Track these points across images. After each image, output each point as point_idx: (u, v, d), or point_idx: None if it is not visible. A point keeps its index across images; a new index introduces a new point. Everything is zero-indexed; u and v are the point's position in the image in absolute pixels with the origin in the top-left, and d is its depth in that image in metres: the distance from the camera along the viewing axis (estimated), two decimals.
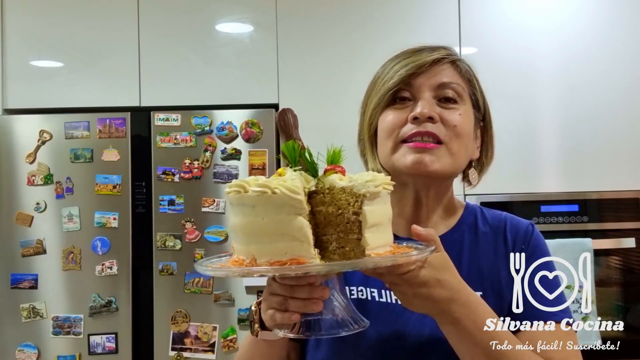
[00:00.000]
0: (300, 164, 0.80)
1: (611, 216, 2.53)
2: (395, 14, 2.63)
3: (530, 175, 2.57)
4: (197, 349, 2.46)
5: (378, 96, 1.00)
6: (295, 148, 0.81)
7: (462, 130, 0.97)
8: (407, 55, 1.02)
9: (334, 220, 0.77)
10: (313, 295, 0.79)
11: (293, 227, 0.75)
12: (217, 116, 2.52)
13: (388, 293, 0.98)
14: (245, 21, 2.68)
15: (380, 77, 1.02)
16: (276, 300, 0.81)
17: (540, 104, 2.60)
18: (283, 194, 0.74)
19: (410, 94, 0.98)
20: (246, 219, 0.77)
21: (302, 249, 0.75)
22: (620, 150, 2.56)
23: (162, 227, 2.49)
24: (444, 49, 1.02)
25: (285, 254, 0.75)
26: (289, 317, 0.79)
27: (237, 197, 0.77)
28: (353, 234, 0.77)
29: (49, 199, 2.52)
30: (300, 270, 0.74)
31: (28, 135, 2.54)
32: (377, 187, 0.78)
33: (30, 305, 2.50)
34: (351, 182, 0.78)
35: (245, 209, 0.77)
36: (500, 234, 1.01)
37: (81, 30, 2.69)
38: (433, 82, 0.98)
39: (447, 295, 0.81)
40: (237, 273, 0.80)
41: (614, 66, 2.57)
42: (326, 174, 0.81)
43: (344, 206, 0.77)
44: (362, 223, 0.77)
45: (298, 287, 0.79)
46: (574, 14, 2.61)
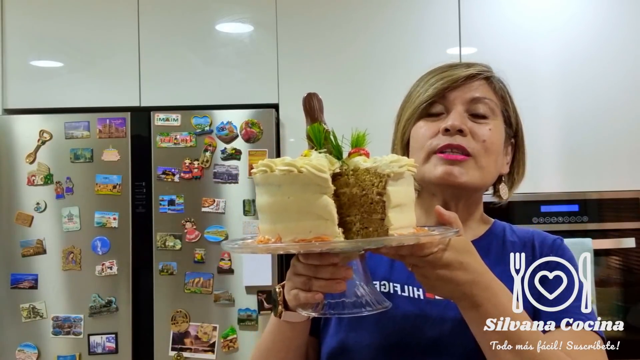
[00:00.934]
0: (325, 147, 0.82)
1: (611, 216, 2.53)
2: (396, 14, 2.63)
3: (530, 175, 2.55)
4: (197, 349, 2.46)
5: (412, 108, 1.03)
6: (320, 130, 0.82)
7: (491, 145, 1.00)
8: (443, 70, 1.04)
9: (358, 201, 0.79)
10: (336, 275, 0.80)
11: (318, 206, 0.76)
12: (217, 116, 2.52)
13: (411, 288, 0.99)
14: (245, 21, 2.68)
15: (415, 90, 1.05)
16: (300, 280, 0.83)
17: (541, 104, 2.60)
18: (309, 172, 0.75)
19: (444, 107, 1.01)
20: (272, 198, 0.79)
21: (327, 227, 0.76)
22: (620, 150, 2.55)
23: (162, 227, 2.49)
24: (479, 66, 1.05)
25: (309, 232, 0.76)
26: (312, 296, 0.81)
27: (264, 177, 0.79)
28: (377, 214, 0.78)
29: (49, 199, 2.52)
30: (324, 246, 0.76)
31: (28, 135, 2.54)
32: (402, 168, 0.80)
33: (30, 305, 2.50)
34: (375, 163, 0.80)
35: (272, 188, 0.78)
36: (528, 244, 1.04)
37: (81, 30, 2.69)
38: (466, 96, 1.01)
39: (469, 278, 0.83)
40: (263, 249, 0.82)
41: (614, 66, 2.57)
42: (350, 156, 0.82)
43: (368, 187, 0.79)
44: (385, 203, 0.78)
45: (322, 267, 0.80)
46: (574, 15, 2.61)
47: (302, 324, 0.94)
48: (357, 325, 0.98)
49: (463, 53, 2.60)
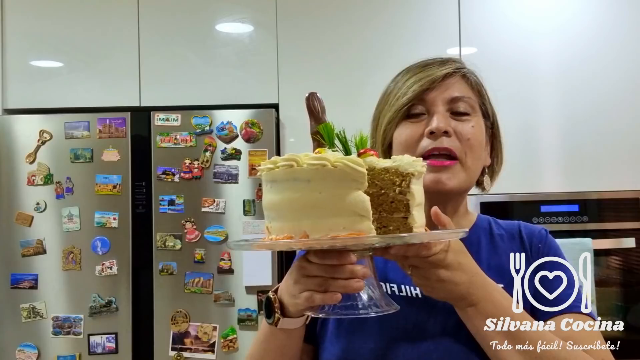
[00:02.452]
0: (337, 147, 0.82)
1: (611, 216, 2.53)
2: (396, 14, 2.63)
3: (530, 175, 2.57)
4: (197, 349, 2.46)
5: (392, 111, 1.02)
6: (331, 129, 0.82)
7: (475, 141, 1.01)
8: (417, 70, 1.04)
9: (376, 201, 0.78)
10: (355, 274, 0.79)
11: (354, 202, 0.74)
12: (217, 116, 2.52)
13: (408, 287, 1.00)
14: (245, 21, 2.68)
15: (392, 92, 1.04)
16: (314, 281, 0.81)
17: (541, 104, 2.60)
18: (346, 166, 0.74)
19: (424, 108, 1.01)
20: (297, 194, 0.76)
21: (362, 223, 0.75)
22: (620, 150, 2.55)
23: (162, 227, 2.49)
24: (453, 62, 1.05)
25: (343, 229, 0.74)
26: (330, 297, 0.80)
27: (289, 172, 0.76)
28: (399, 212, 0.78)
29: (49, 199, 2.52)
30: (359, 241, 0.75)
31: (28, 135, 2.54)
32: (423, 167, 0.81)
33: (30, 305, 2.50)
34: (395, 163, 0.80)
35: (298, 184, 0.76)
36: (516, 235, 1.05)
37: (81, 30, 2.69)
38: (446, 96, 1.01)
39: (466, 278, 0.85)
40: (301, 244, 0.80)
41: (614, 66, 2.57)
42: (362, 156, 0.81)
43: (387, 186, 0.79)
44: (410, 201, 0.78)
45: (340, 266, 0.79)
46: (574, 14, 2.61)
47: (298, 330, 0.93)
48: (358, 329, 0.97)
49: (463, 53, 2.60)
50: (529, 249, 1.02)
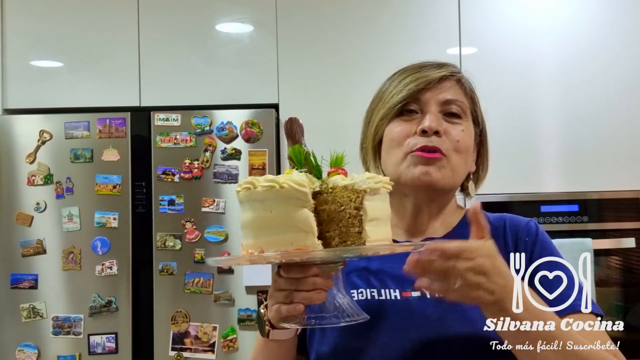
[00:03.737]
0: (306, 167, 0.87)
1: (611, 216, 2.53)
2: (396, 14, 2.63)
3: (530, 175, 2.57)
4: (197, 349, 2.46)
5: (386, 108, 1.05)
6: (300, 152, 0.88)
7: (464, 145, 1.03)
8: (414, 71, 1.06)
9: (337, 217, 0.84)
10: (317, 286, 0.84)
11: (298, 219, 0.81)
12: (217, 116, 2.52)
13: (387, 291, 1.01)
14: (245, 21, 2.68)
15: (387, 90, 1.07)
16: (282, 294, 0.86)
17: (540, 104, 2.60)
18: (290, 187, 0.81)
19: (418, 107, 1.03)
20: (255, 214, 0.84)
21: (307, 238, 0.81)
22: (620, 150, 2.55)
23: (162, 227, 2.49)
24: (449, 66, 1.08)
25: (291, 244, 0.81)
26: (294, 307, 0.84)
27: (248, 194, 0.84)
28: (354, 227, 0.83)
29: (49, 199, 2.52)
30: (303, 255, 0.81)
31: (28, 135, 2.54)
32: (377, 184, 0.85)
33: (30, 305, 2.50)
34: (352, 180, 0.85)
35: (255, 204, 0.84)
36: (500, 231, 1.05)
37: (81, 30, 2.69)
38: (440, 97, 1.03)
39: (503, 282, 0.83)
40: (246, 259, 0.90)
41: (614, 66, 2.57)
42: (329, 175, 0.87)
43: (345, 202, 0.84)
44: (362, 217, 0.83)
45: (303, 279, 0.84)
46: (574, 14, 2.61)
47: (289, 341, 0.96)
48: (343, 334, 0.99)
49: (463, 53, 2.60)
50: (514, 244, 1.02)
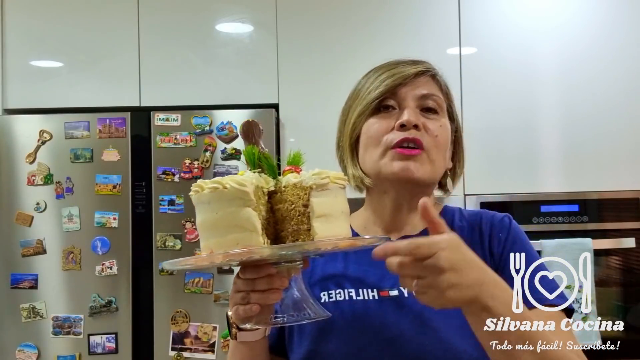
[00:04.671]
0: (260, 167, 0.88)
1: (611, 216, 2.53)
2: (396, 14, 2.63)
3: (530, 175, 2.57)
4: (197, 349, 2.46)
5: (363, 104, 1.05)
6: (254, 152, 0.89)
7: (442, 139, 1.04)
8: (389, 67, 1.07)
9: (288, 215, 0.84)
10: (272, 285, 0.85)
11: (242, 218, 0.81)
12: (217, 116, 2.52)
13: (365, 291, 1.00)
14: (245, 21, 2.68)
15: (364, 87, 1.07)
16: (240, 295, 0.87)
17: (540, 104, 2.59)
18: (232, 187, 0.81)
19: (395, 102, 1.04)
20: (204, 216, 0.85)
21: (252, 238, 0.81)
22: (620, 150, 2.55)
23: (162, 227, 2.49)
24: (424, 63, 1.08)
25: (237, 244, 0.81)
26: (250, 308, 0.85)
27: (197, 197, 0.85)
28: (304, 224, 0.84)
29: (49, 199, 2.52)
30: (246, 254, 0.81)
31: (28, 135, 2.54)
32: (324, 179, 0.84)
33: (30, 305, 2.50)
34: (301, 178, 0.85)
35: (203, 207, 0.84)
36: (476, 226, 1.05)
37: (81, 30, 2.69)
38: (417, 92, 1.04)
39: (476, 276, 0.76)
40: (188, 263, 0.91)
41: (614, 66, 2.57)
42: (284, 174, 0.88)
43: (295, 200, 0.84)
44: (310, 214, 0.83)
45: (258, 279, 0.85)
46: (574, 14, 2.61)
47: (258, 343, 0.96)
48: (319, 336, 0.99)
49: (463, 53, 2.59)
50: (488, 240, 1.02)
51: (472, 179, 2.46)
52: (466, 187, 2.48)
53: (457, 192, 2.48)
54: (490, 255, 1.01)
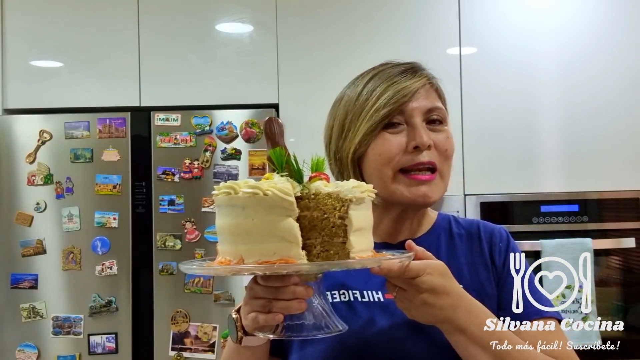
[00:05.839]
0: (287, 170, 0.84)
1: (611, 216, 2.53)
2: (396, 14, 2.63)
3: (530, 175, 2.57)
4: (197, 349, 2.46)
5: (370, 122, 1.00)
6: (282, 154, 0.84)
7: (451, 152, 1.04)
8: (389, 80, 1.02)
9: (319, 225, 0.80)
10: (298, 295, 0.81)
11: (283, 228, 0.78)
12: (217, 116, 2.52)
13: (369, 292, 1.01)
14: (245, 21, 2.68)
15: (368, 101, 1.02)
16: (260, 302, 0.83)
17: (540, 104, 2.60)
18: (275, 195, 0.77)
19: (403, 119, 1.01)
20: (235, 220, 0.80)
21: (291, 249, 0.78)
22: (620, 150, 2.55)
23: (162, 227, 2.49)
24: (421, 70, 1.05)
25: (274, 254, 0.78)
26: (272, 317, 0.82)
27: (227, 199, 0.80)
28: (338, 237, 0.80)
29: (49, 199, 2.52)
30: (289, 268, 0.77)
31: (28, 135, 2.54)
32: (363, 193, 0.82)
33: (30, 305, 2.50)
34: (338, 188, 0.82)
35: (235, 210, 0.79)
36: (474, 235, 1.07)
37: (81, 30, 2.69)
38: (422, 107, 1.02)
39: (451, 302, 0.85)
40: (227, 271, 0.84)
41: (614, 66, 2.57)
42: (311, 180, 0.84)
43: (329, 210, 0.81)
44: (347, 227, 0.80)
45: (282, 288, 0.81)
46: (574, 14, 2.61)
47: (261, 347, 0.94)
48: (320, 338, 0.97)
49: (463, 53, 2.59)
50: (489, 249, 1.04)
51: (472, 179, 2.46)
52: (466, 187, 2.48)
53: (457, 192, 2.49)
54: (492, 264, 1.03)
